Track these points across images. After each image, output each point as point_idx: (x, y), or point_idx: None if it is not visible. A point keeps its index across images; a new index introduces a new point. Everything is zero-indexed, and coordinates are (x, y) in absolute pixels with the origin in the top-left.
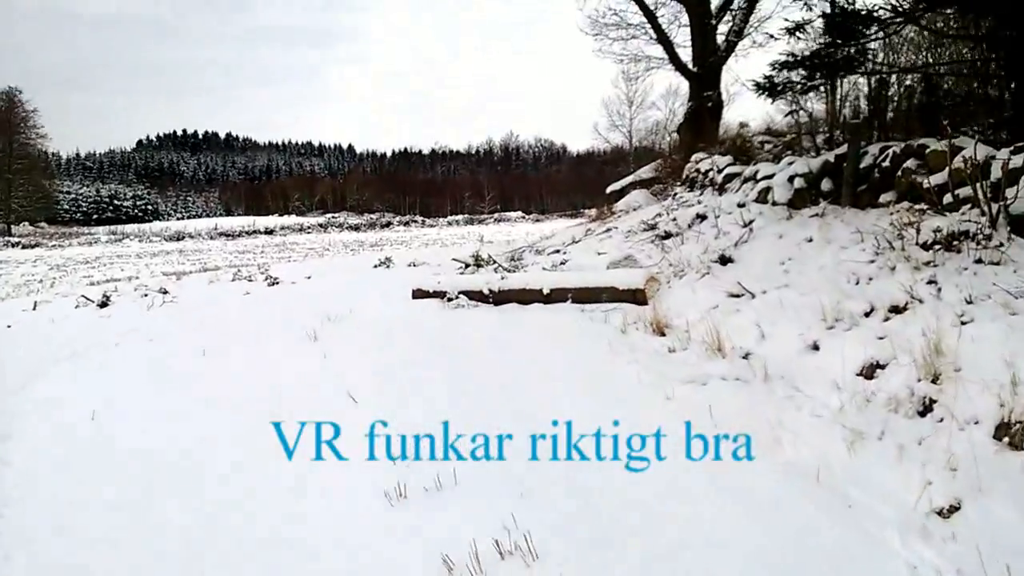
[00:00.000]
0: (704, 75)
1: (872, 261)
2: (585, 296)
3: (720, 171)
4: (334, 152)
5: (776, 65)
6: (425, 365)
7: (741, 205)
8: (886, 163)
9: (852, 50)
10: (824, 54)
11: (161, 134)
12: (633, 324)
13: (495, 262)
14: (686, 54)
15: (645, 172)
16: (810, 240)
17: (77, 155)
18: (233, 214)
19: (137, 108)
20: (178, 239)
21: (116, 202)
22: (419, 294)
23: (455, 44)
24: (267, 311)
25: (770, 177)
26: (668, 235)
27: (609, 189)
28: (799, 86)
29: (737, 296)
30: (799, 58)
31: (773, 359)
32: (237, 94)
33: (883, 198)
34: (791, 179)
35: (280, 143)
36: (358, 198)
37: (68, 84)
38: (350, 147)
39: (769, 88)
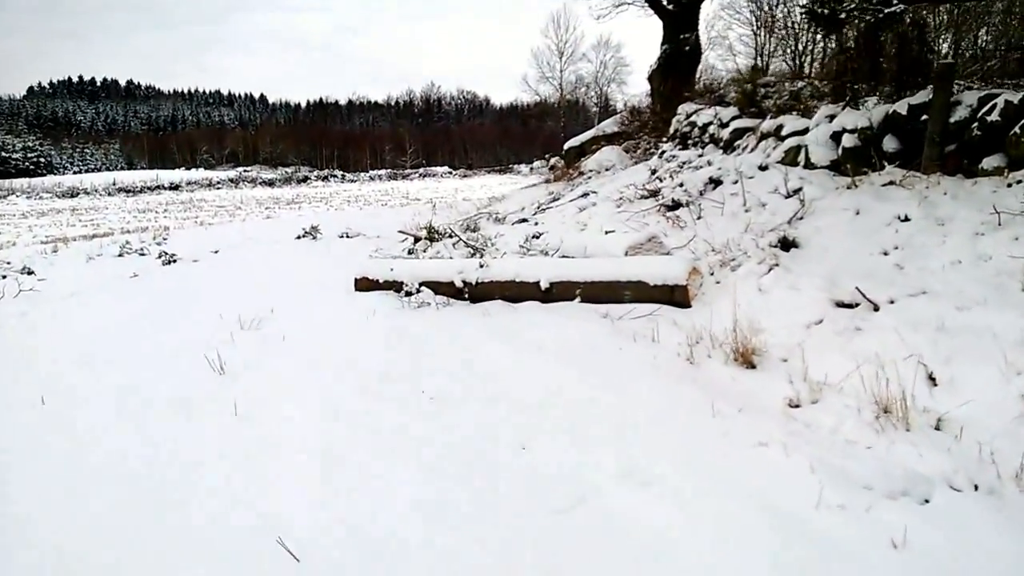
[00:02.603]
0: (679, 14)
1: None
2: (600, 293)
3: (724, 125)
4: (245, 102)
5: None
6: (396, 436)
7: (763, 168)
8: (992, 117)
9: None
10: None
11: (55, 80)
12: (695, 344)
13: (455, 234)
14: None
15: (608, 126)
16: (905, 219)
17: None
18: (135, 167)
19: (28, 51)
20: (72, 196)
21: (3, 154)
22: (365, 285)
23: None
24: (155, 310)
25: (800, 133)
26: (677, 204)
27: (567, 145)
28: (868, 15)
29: (849, 306)
30: None
31: (983, 427)
32: (138, 39)
33: (987, 163)
34: (835, 136)
35: (186, 92)
36: (271, 151)
37: None
38: (262, 97)
39: (828, 17)
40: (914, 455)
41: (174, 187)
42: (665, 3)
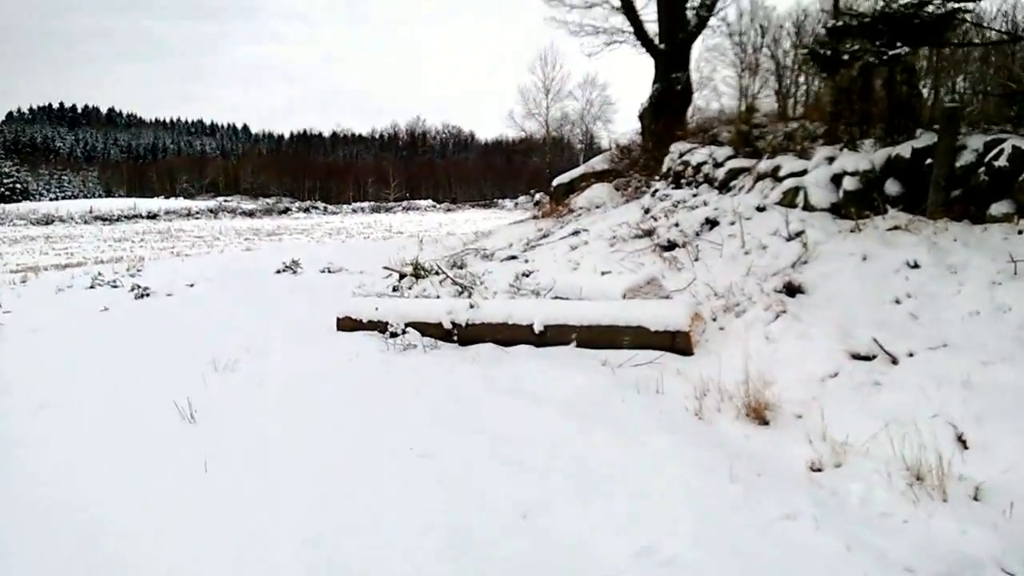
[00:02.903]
0: (671, 53)
1: None
2: (597, 338)
3: (718, 164)
4: (227, 132)
5: (837, 29)
6: (388, 512)
7: (761, 209)
8: (1000, 162)
9: (954, 4)
10: (910, 12)
11: (35, 106)
12: (702, 397)
13: (442, 271)
14: (653, 30)
15: (598, 163)
16: (915, 265)
17: None
18: (114, 195)
19: (7, 77)
20: (47, 223)
21: None
22: (348, 324)
23: (362, 27)
24: (124, 347)
25: (799, 174)
26: (673, 244)
27: (556, 181)
28: (872, 56)
29: (866, 358)
30: (874, 16)
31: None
32: (121, 68)
33: (995, 209)
34: (835, 178)
35: (167, 120)
36: (253, 181)
37: None
38: (245, 127)
39: (830, 59)
40: (956, 531)
41: (152, 216)
42: (657, 42)
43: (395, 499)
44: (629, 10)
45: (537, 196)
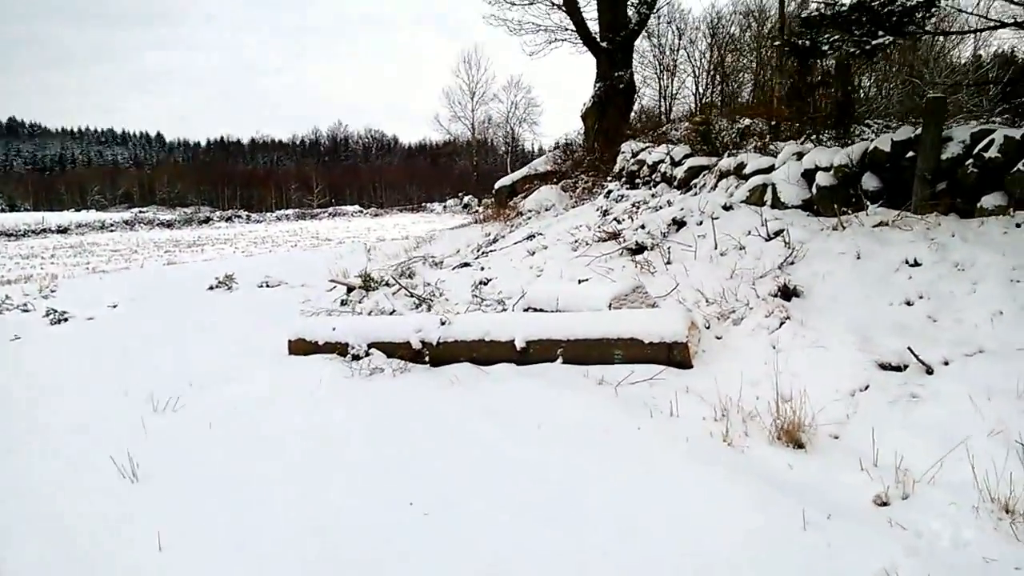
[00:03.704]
0: (614, 51)
1: None
2: (586, 353)
3: (676, 163)
4: (140, 141)
5: (814, 18)
6: None
7: (728, 208)
8: (991, 153)
9: None
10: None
11: None
12: (723, 419)
13: (397, 283)
14: (594, 28)
15: (539, 164)
16: (915, 264)
17: None
18: (19, 210)
19: None
20: None
21: None
22: (301, 347)
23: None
24: (42, 385)
25: (765, 171)
26: (641, 247)
27: (498, 184)
28: (853, 45)
29: (896, 368)
30: (852, 5)
31: None
32: (23, 76)
33: (987, 202)
34: (807, 175)
35: (75, 130)
36: (169, 191)
37: None
38: (159, 135)
39: (808, 50)
40: None
41: (63, 230)
42: (599, 40)
43: None
44: (571, 7)
45: (465, 199)
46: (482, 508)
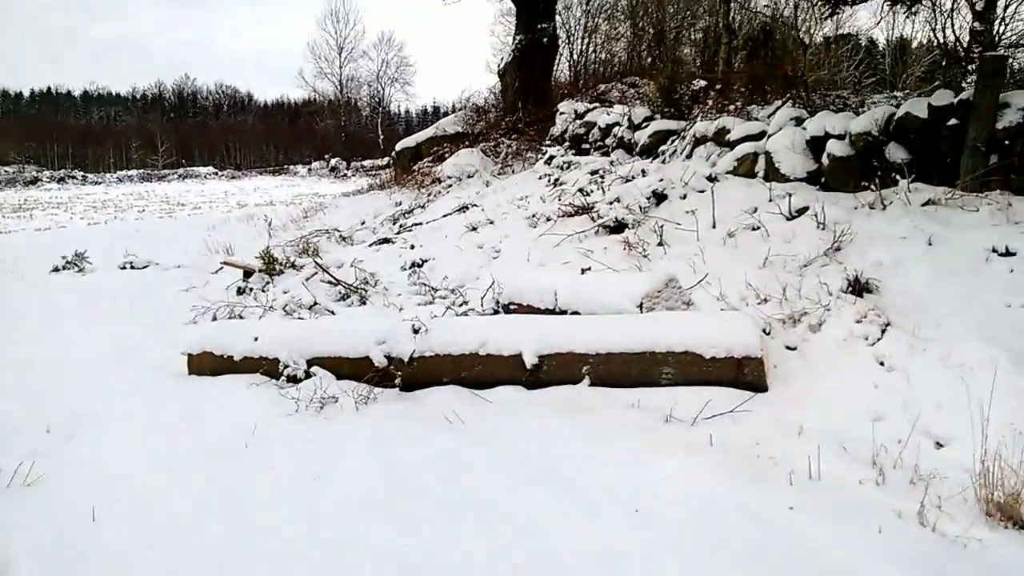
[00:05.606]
0: (537, 1)
1: None
2: (624, 371)
3: (637, 127)
4: None
5: None
6: None
7: (712, 179)
8: None
9: None
10: None
11: None
12: (882, 482)
13: (318, 266)
14: None
15: (448, 125)
16: (1008, 253)
17: None
18: None
19: None
20: None
21: None
22: (209, 364)
23: None
24: None
25: (755, 138)
26: (621, 225)
27: (400, 146)
28: None
29: None
30: None
31: None
32: None
33: None
34: (814, 143)
35: None
36: None
37: None
38: None
39: None
40: None
41: None
42: None
43: None
44: None
45: (332, 162)
46: None
